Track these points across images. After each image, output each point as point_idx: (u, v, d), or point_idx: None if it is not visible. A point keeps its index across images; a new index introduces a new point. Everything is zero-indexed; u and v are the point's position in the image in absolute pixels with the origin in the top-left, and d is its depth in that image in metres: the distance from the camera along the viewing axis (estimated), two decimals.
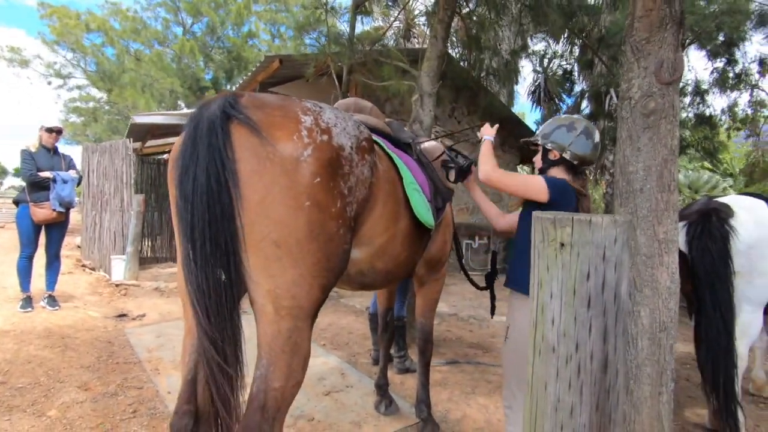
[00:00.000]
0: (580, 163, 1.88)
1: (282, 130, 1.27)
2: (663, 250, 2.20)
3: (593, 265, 0.69)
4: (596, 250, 0.69)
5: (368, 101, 2.54)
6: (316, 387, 3.00)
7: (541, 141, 1.91)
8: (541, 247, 0.74)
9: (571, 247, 0.69)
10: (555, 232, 0.71)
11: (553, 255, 0.71)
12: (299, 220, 1.24)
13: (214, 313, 1.21)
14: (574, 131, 1.85)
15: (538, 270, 0.74)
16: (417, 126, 3.94)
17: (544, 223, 0.73)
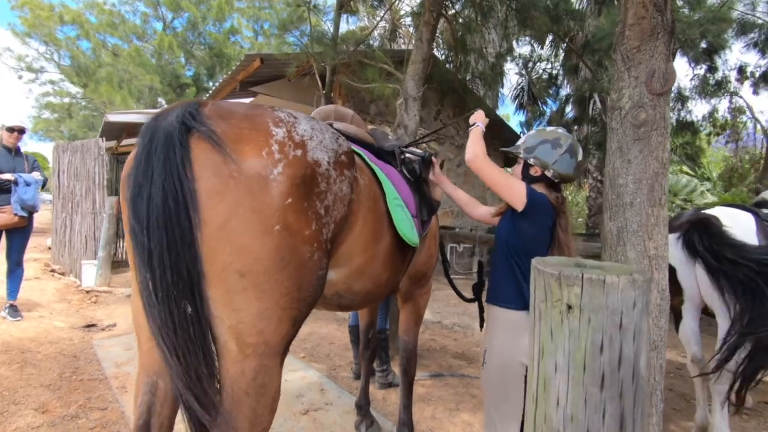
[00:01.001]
0: (560, 181, 1.80)
1: (249, 144, 1.13)
2: (653, 267, 2.14)
3: (608, 335, 0.58)
4: (611, 317, 0.58)
5: (351, 105, 2.41)
6: (293, 405, 2.86)
7: (523, 155, 1.81)
8: (543, 308, 0.62)
9: (581, 312, 0.58)
10: (561, 292, 0.59)
11: (558, 319, 0.60)
12: (267, 246, 1.11)
13: (184, 352, 1.07)
14: (558, 149, 1.75)
15: (539, 334, 0.63)
16: (401, 131, 3.82)
17: (546, 279, 0.61)
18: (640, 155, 2.17)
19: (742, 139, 12.26)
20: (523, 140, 1.87)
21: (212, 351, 1.10)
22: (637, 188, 2.16)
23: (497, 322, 1.70)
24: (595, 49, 6.13)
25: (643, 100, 2.17)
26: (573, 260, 0.70)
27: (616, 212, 2.23)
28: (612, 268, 0.64)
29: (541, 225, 1.70)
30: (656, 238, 2.14)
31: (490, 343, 1.71)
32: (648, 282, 0.60)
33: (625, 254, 2.17)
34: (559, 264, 0.65)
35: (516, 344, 1.64)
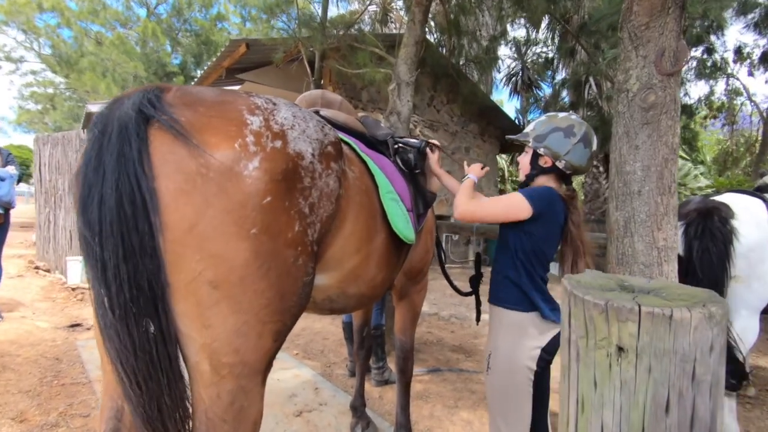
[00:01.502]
0: (573, 173, 1.64)
1: (219, 135, 0.98)
2: (663, 259, 2.02)
3: (676, 389, 0.44)
4: (681, 365, 0.44)
5: (342, 92, 2.24)
6: (286, 406, 2.75)
7: (533, 144, 1.64)
8: (583, 346, 0.48)
9: (638, 357, 0.44)
10: (608, 328, 0.46)
11: (606, 364, 0.46)
12: (243, 252, 0.97)
13: (145, 378, 0.93)
14: (572, 137, 1.57)
15: (576, 380, 0.49)
16: (394, 118, 3.66)
17: (588, 310, 0.47)
18: (649, 140, 2.03)
19: (737, 122, 12.20)
20: (533, 127, 1.69)
21: (178, 377, 0.96)
22: (646, 176, 2.04)
23: (502, 325, 1.58)
24: (592, 31, 5.96)
25: (652, 81, 2.03)
26: (615, 279, 0.57)
27: (623, 201, 2.11)
28: (674, 294, 0.50)
29: (552, 225, 1.56)
30: (665, 228, 2.03)
31: (495, 346, 1.59)
32: (727, 314, 0.47)
33: (633, 245, 2.05)
34: (599, 286, 0.52)
35: (523, 348, 1.52)
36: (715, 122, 13.94)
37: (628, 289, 0.54)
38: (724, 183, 9.89)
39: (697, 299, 0.48)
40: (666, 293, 0.52)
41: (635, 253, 2.04)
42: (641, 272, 2.03)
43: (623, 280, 0.57)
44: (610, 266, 2.16)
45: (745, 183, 9.13)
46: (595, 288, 0.52)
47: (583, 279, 0.56)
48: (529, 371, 1.52)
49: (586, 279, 0.55)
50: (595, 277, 0.56)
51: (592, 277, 0.56)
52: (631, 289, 0.55)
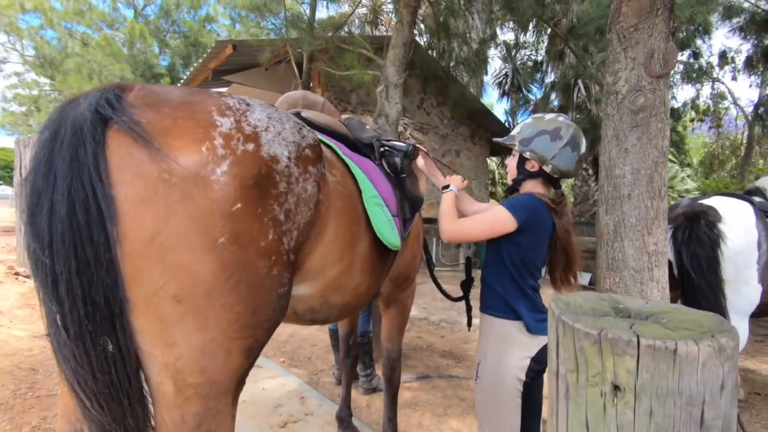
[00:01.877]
0: (561, 177, 1.59)
1: (184, 138, 0.91)
2: (653, 264, 1.99)
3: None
4: (688, 408, 0.38)
5: (331, 95, 2.17)
6: (271, 417, 2.66)
7: (519, 148, 1.58)
8: (573, 381, 0.42)
9: (637, 397, 0.38)
10: (601, 362, 0.39)
11: (599, 405, 0.40)
12: (209, 263, 0.90)
13: (107, 400, 0.86)
14: (558, 141, 1.51)
15: (566, 421, 0.43)
16: (383, 120, 3.60)
17: (578, 339, 0.40)
18: (639, 143, 2.00)
19: (723, 125, 12.38)
20: (519, 130, 1.64)
21: (141, 398, 0.89)
22: (636, 179, 2.01)
23: (492, 333, 1.53)
24: (581, 35, 5.97)
25: (642, 83, 2.00)
26: (609, 300, 0.51)
27: (612, 205, 2.07)
28: (676, 320, 0.44)
29: (539, 233, 1.50)
30: (656, 232, 1.99)
31: (484, 355, 1.54)
32: (737, 345, 0.41)
33: (623, 250, 2.02)
34: (591, 309, 0.45)
35: (511, 358, 1.47)
36: (701, 125, 14.14)
37: (623, 313, 0.48)
38: (710, 185, 10.00)
39: (704, 328, 0.42)
40: (667, 319, 0.47)
41: (625, 258, 2.01)
42: (631, 277, 1.99)
43: (618, 301, 0.52)
44: (600, 271, 2.12)
45: (731, 185, 9.25)
46: (586, 313, 0.46)
47: (572, 301, 0.50)
48: (518, 382, 1.46)
49: (577, 301, 0.49)
50: (587, 299, 0.51)
51: (583, 299, 0.50)
52: (626, 313, 0.49)
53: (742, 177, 9.88)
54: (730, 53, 9.19)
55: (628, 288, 1.99)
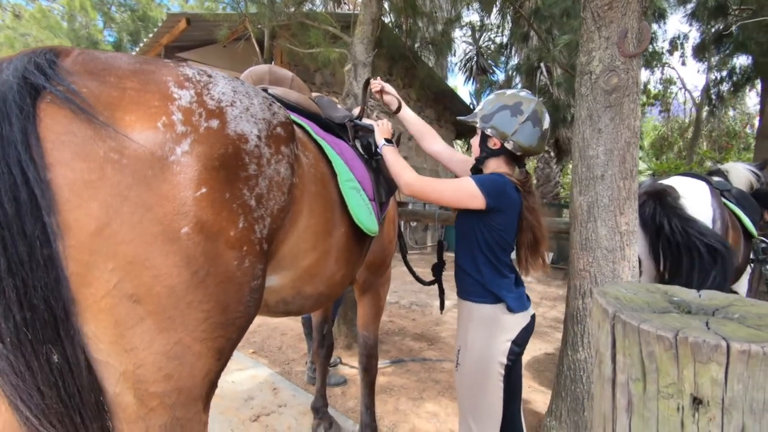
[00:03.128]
0: (524, 154, 1.53)
1: (136, 112, 0.78)
2: (625, 243, 2.02)
3: None
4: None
5: (290, 70, 2.02)
6: (242, 410, 2.56)
7: (480, 125, 1.52)
8: (638, 392, 0.35)
9: (725, 412, 0.32)
10: (677, 371, 0.33)
11: (676, 421, 0.33)
12: (171, 257, 0.78)
13: (60, 415, 0.74)
14: (519, 116, 1.45)
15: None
16: (351, 100, 3.47)
17: (646, 343, 0.34)
18: (612, 124, 2.00)
19: (672, 109, 13.02)
20: (481, 106, 1.58)
21: (95, 413, 0.77)
22: (609, 160, 2.01)
23: (471, 319, 1.49)
24: (545, 16, 6.00)
25: (615, 63, 1.99)
26: (659, 291, 0.45)
27: (586, 186, 2.08)
28: (750, 314, 0.39)
29: (510, 213, 1.46)
30: (627, 212, 2.02)
31: (464, 341, 1.50)
32: None
33: (596, 230, 2.04)
34: (646, 304, 0.39)
35: (493, 342, 1.44)
36: (652, 109, 14.82)
37: (683, 308, 0.43)
38: (661, 167, 10.54)
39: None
40: (739, 314, 0.41)
41: (598, 238, 2.02)
42: (604, 257, 2.01)
43: (669, 293, 0.46)
44: (574, 251, 2.13)
45: (681, 166, 9.78)
46: (644, 309, 0.40)
47: (622, 295, 0.44)
48: (500, 366, 1.44)
49: (625, 294, 0.43)
50: (636, 292, 0.45)
51: (631, 291, 0.44)
52: (686, 307, 0.44)
53: (690, 159, 10.48)
54: (680, 39, 9.59)
55: (601, 267, 2.02)
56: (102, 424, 0.80)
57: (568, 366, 2.11)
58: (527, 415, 2.59)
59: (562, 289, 6.29)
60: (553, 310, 5.27)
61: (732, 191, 3.09)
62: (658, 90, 12.50)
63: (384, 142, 1.66)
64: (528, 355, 3.51)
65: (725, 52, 7.56)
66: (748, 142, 13.47)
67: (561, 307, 5.13)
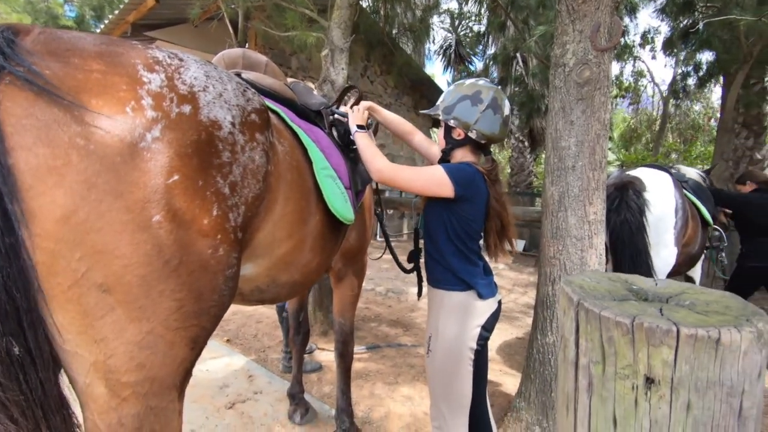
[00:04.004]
0: (488, 142, 1.56)
1: (103, 95, 0.76)
2: (593, 232, 2.09)
3: (720, 430, 0.36)
4: (728, 399, 0.36)
5: (269, 58, 1.97)
6: (217, 398, 2.55)
7: (442, 117, 1.54)
8: (598, 373, 0.38)
9: (674, 391, 0.35)
10: (633, 354, 0.36)
11: (630, 399, 0.37)
12: (142, 245, 0.77)
13: (23, 410, 0.73)
14: (479, 105, 1.48)
15: (588, 417, 0.39)
16: (328, 87, 3.42)
17: (606, 328, 0.37)
18: (583, 116, 2.06)
19: (641, 102, 13.43)
20: (442, 98, 1.59)
21: (62, 406, 0.76)
22: (579, 151, 2.07)
23: (443, 306, 1.52)
24: (522, 6, 6.05)
25: (588, 56, 2.03)
26: (620, 281, 0.48)
27: (558, 176, 2.13)
28: (701, 302, 0.42)
29: (478, 202, 1.48)
30: (596, 202, 2.09)
31: (435, 329, 1.53)
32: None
33: (566, 220, 2.10)
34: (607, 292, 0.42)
35: (463, 328, 1.48)
36: (622, 101, 15.24)
37: (640, 295, 0.46)
38: (630, 158, 10.89)
39: (735, 311, 0.41)
40: (690, 302, 0.45)
41: (568, 227, 2.09)
42: (573, 245, 2.09)
43: (629, 281, 0.49)
44: (545, 239, 2.20)
45: (648, 157, 10.14)
46: (605, 297, 0.43)
47: (585, 283, 0.46)
48: (470, 351, 1.49)
49: (589, 283, 0.46)
50: (599, 280, 0.48)
51: (595, 280, 0.47)
52: (643, 294, 0.47)
53: (656, 150, 10.88)
54: (651, 34, 9.85)
55: (570, 255, 2.09)
56: (66, 419, 0.79)
57: (537, 349, 2.19)
58: (498, 397, 2.69)
59: (534, 276, 6.48)
60: (525, 296, 5.43)
61: (689, 182, 3.26)
62: (629, 82, 12.84)
63: (356, 129, 1.65)
64: (499, 339, 3.63)
65: (691, 48, 7.83)
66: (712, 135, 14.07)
67: (532, 294, 5.29)
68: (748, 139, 7.71)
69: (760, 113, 7.79)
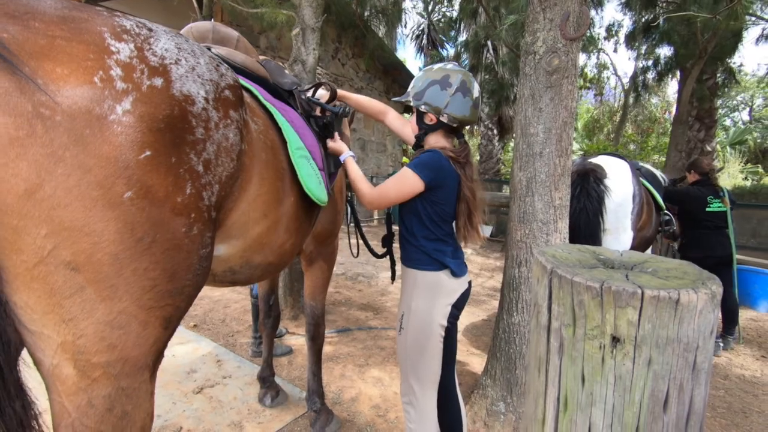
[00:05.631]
0: (460, 125, 1.59)
1: (69, 63, 0.72)
2: (558, 216, 2.18)
3: (676, 383, 0.39)
4: (684, 354, 0.39)
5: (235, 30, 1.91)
6: (185, 384, 2.51)
7: (413, 103, 1.57)
8: (568, 336, 0.41)
9: (637, 348, 0.38)
10: (601, 315, 0.39)
11: (598, 357, 0.40)
12: (113, 222, 0.74)
13: None
14: (448, 89, 1.51)
15: (558, 374, 0.42)
16: (299, 67, 3.35)
17: (576, 293, 0.40)
18: (551, 103, 2.12)
19: (604, 93, 13.91)
20: (412, 84, 1.62)
21: (20, 390, 0.74)
22: (547, 138, 2.14)
23: (416, 285, 1.56)
24: None
25: (557, 45, 2.09)
26: (589, 251, 0.51)
27: (526, 162, 2.20)
28: (662, 270, 0.46)
29: (449, 186, 1.53)
30: (561, 188, 2.17)
31: (408, 307, 1.57)
32: (720, 292, 0.44)
33: (533, 204, 2.18)
34: (578, 261, 0.45)
35: (434, 306, 1.53)
36: (587, 92, 15.73)
37: (608, 264, 0.50)
38: (592, 147, 11.31)
39: (691, 276, 0.45)
40: (652, 269, 0.49)
41: (535, 212, 2.17)
42: (539, 229, 2.17)
43: (597, 252, 0.53)
44: (512, 224, 2.27)
45: (609, 147, 10.57)
46: (576, 265, 0.46)
47: (558, 253, 0.49)
48: (441, 328, 1.54)
49: (561, 253, 0.49)
50: (570, 251, 0.51)
51: (567, 251, 0.50)
52: (610, 263, 0.50)
53: (617, 141, 11.35)
54: (615, 27, 10.17)
55: (536, 238, 2.17)
56: (23, 403, 0.76)
57: (503, 329, 2.28)
58: (465, 376, 2.78)
59: (500, 261, 6.68)
60: (491, 279, 5.60)
61: (642, 170, 3.46)
62: (593, 74, 13.24)
63: (347, 154, 1.73)
64: (467, 321, 3.74)
65: (652, 42, 8.16)
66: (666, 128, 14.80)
67: (499, 278, 5.46)
68: (700, 131, 8.16)
69: (712, 107, 8.25)
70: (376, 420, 2.29)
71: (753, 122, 15.80)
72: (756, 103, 17.27)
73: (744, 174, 11.57)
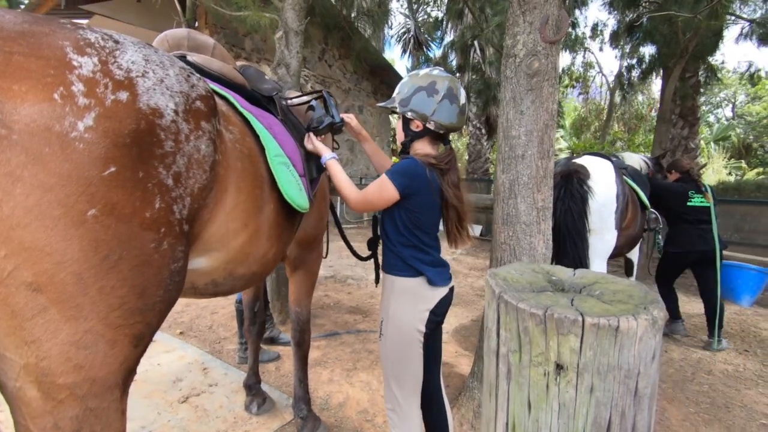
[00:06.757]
0: (447, 132, 1.58)
1: (26, 80, 0.70)
2: (540, 218, 2.19)
3: (618, 409, 0.39)
4: (625, 381, 0.39)
5: (222, 39, 1.88)
6: (170, 393, 2.48)
7: (399, 109, 1.56)
8: (515, 361, 0.41)
9: (579, 375, 0.38)
10: (545, 342, 0.39)
11: (542, 384, 0.40)
12: (77, 241, 0.73)
13: None
14: (435, 96, 1.50)
15: (506, 401, 0.42)
16: (282, 70, 3.33)
17: (521, 320, 0.39)
18: (533, 106, 2.13)
19: (590, 92, 14.06)
20: (398, 90, 1.60)
21: None
22: (529, 140, 2.15)
23: (393, 291, 1.56)
24: None
25: (537, 48, 2.10)
26: (542, 272, 0.51)
27: (508, 165, 2.21)
28: (608, 292, 0.46)
29: (423, 195, 1.51)
30: (543, 190, 2.19)
31: (386, 313, 1.57)
32: (664, 318, 0.44)
33: (516, 206, 2.19)
34: (528, 284, 0.45)
35: (413, 312, 1.52)
36: (573, 91, 15.89)
37: (558, 286, 0.50)
38: (579, 145, 11.43)
39: (636, 299, 0.45)
40: (600, 291, 0.49)
41: (518, 214, 2.18)
42: (522, 231, 2.18)
43: (550, 272, 0.53)
44: (496, 225, 2.28)
45: (596, 145, 10.69)
46: (525, 289, 0.46)
47: (509, 276, 0.49)
48: (419, 334, 1.53)
49: (513, 275, 0.49)
50: (522, 272, 0.51)
51: (518, 272, 0.50)
52: (560, 285, 0.50)
53: (603, 138, 11.47)
54: (600, 26, 10.29)
55: (519, 240, 2.18)
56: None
57: None
58: (453, 378, 2.79)
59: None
60: (480, 280, 5.63)
61: (628, 169, 3.49)
62: (579, 73, 13.38)
63: (328, 156, 1.69)
64: (455, 322, 3.75)
65: (636, 41, 8.26)
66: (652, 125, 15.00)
67: None
68: (684, 129, 8.29)
69: (695, 105, 8.37)
70: (364, 425, 2.29)
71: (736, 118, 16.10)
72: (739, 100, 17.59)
73: (728, 169, 11.78)
